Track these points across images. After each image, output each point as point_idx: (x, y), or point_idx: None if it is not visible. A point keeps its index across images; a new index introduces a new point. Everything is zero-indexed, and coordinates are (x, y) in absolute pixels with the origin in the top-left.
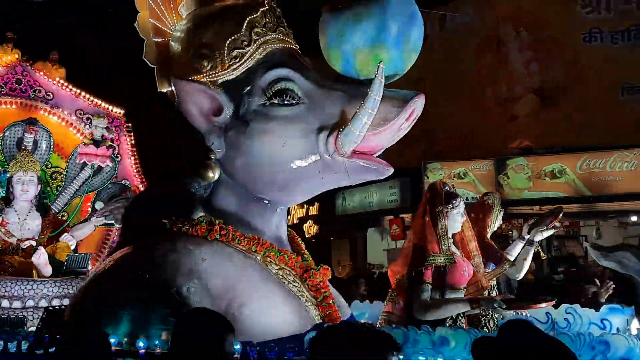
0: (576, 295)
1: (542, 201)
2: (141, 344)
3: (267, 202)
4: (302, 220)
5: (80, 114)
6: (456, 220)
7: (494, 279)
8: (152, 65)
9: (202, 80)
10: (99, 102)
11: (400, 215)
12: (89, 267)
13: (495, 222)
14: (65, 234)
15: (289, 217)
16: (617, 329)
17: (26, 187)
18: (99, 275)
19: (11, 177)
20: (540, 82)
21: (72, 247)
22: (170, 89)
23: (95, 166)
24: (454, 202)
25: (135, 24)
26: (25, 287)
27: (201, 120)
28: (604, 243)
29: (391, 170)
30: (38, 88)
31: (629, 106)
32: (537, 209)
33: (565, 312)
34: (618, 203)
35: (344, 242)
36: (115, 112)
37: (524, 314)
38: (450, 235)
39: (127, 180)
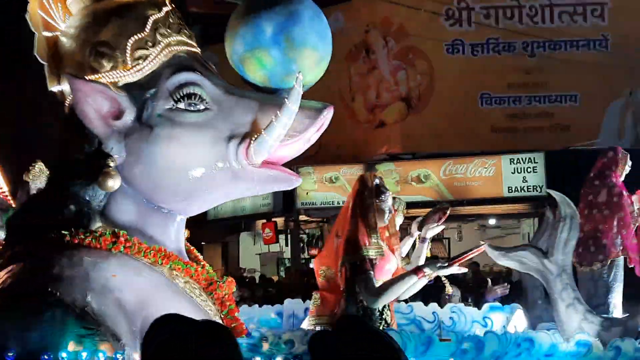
0: (436, 294)
1: (409, 205)
2: (46, 357)
3: (166, 211)
4: None
5: None
6: (385, 213)
7: None
8: (43, 62)
9: (101, 80)
10: None
11: (273, 219)
12: None
13: (394, 227)
14: None
15: None
16: (504, 326)
17: None
18: None
19: None
20: (407, 90)
21: None
22: (59, 88)
23: None
24: (383, 196)
25: (26, 16)
26: None
27: (99, 123)
28: (465, 245)
29: (300, 181)
30: None
31: (487, 114)
32: (405, 212)
33: (451, 311)
34: (477, 207)
35: (216, 246)
36: None
37: (461, 269)
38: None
39: None
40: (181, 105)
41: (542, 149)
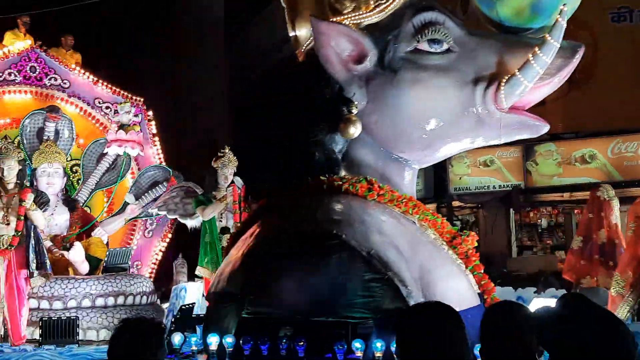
0: None
1: (572, 187)
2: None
3: (402, 160)
4: None
5: (99, 102)
6: None
7: None
8: (284, 5)
9: (344, 22)
10: (118, 89)
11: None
12: (129, 262)
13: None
14: (97, 228)
15: None
16: None
17: (52, 180)
18: (268, 246)
19: (35, 169)
20: None
21: (104, 242)
22: (294, 34)
23: (120, 156)
24: None
25: None
26: (67, 286)
27: (340, 67)
28: None
29: (547, 127)
30: (54, 76)
31: None
32: (567, 195)
33: None
34: None
35: None
36: (136, 100)
37: None
38: None
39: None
40: (424, 47)
41: None
